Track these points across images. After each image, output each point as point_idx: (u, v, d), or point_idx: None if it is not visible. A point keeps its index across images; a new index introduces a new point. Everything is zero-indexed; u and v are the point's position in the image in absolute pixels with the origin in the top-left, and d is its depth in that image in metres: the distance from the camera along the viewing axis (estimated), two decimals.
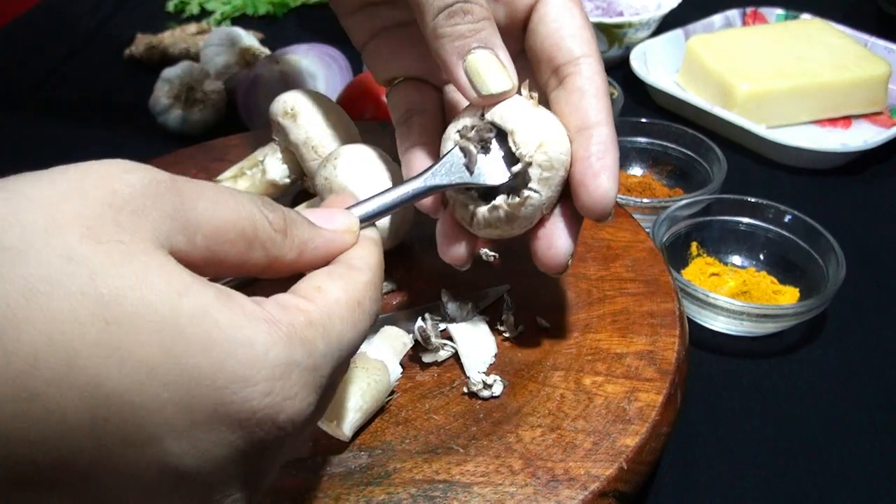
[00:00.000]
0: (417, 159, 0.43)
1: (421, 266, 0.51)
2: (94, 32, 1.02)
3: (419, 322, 0.44)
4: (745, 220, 0.61)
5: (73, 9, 1.07)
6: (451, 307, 0.46)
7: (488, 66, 0.39)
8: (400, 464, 0.38)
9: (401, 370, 0.42)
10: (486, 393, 0.42)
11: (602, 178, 0.38)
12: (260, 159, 0.54)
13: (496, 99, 0.39)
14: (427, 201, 0.41)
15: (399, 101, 0.46)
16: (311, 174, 0.52)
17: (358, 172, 0.47)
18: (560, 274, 0.42)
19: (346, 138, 0.52)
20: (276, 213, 0.30)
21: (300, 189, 0.57)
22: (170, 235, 0.26)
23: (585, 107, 0.39)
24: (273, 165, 0.54)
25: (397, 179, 0.48)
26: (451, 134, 0.40)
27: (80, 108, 0.84)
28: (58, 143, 0.78)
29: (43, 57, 0.95)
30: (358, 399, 0.39)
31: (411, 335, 0.44)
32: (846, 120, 0.80)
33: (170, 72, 0.76)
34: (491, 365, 0.44)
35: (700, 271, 0.59)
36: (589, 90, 0.39)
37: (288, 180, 0.54)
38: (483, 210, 0.39)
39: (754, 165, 0.75)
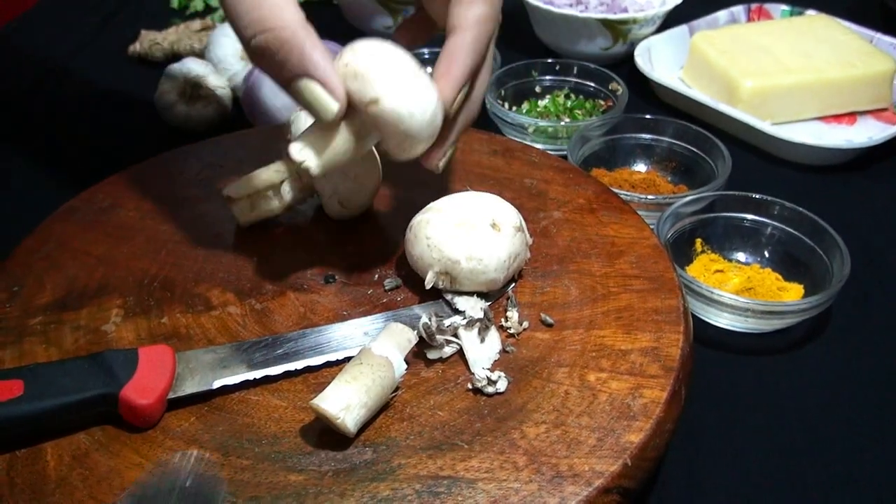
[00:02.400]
0: None
1: None
2: (98, 29, 1.02)
3: (424, 318, 0.44)
4: (750, 216, 0.60)
5: (77, 5, 1.07)
6: (459, 302, 0.46)
7: (313, 98, 0.41)
8: (404, 460, 0.38)
9: (405, 366, 0.42)
10: (490, 389, 0.42)
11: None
12: (276, 182, 0.52)
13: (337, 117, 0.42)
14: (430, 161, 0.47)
15: None
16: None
17: (378, 56, 0.43)
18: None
19: None
20: None
21: (318, 204, 0.56)
22: None
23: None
24: (289, 190, 0.52)
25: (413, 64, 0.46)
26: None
27: (84, 105, 0.84)
28: (62, 140, 0.78)
29: (47, 54, 0.95)
30: (362, 395, 0.39)
31: (416, 331, 0.44)
32: (851, 116, 0.80)
33: (174, 68, 0.76)
34: (495, 361, 0.44)
35: (704, 268, 0.59)
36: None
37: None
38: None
39: (759, 162, 0.75)
